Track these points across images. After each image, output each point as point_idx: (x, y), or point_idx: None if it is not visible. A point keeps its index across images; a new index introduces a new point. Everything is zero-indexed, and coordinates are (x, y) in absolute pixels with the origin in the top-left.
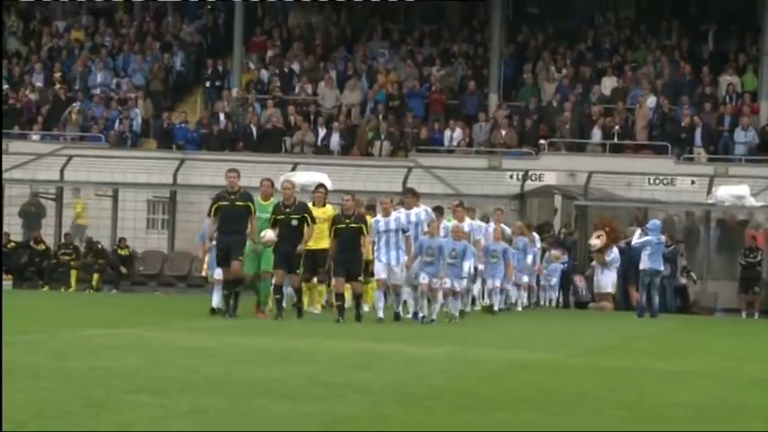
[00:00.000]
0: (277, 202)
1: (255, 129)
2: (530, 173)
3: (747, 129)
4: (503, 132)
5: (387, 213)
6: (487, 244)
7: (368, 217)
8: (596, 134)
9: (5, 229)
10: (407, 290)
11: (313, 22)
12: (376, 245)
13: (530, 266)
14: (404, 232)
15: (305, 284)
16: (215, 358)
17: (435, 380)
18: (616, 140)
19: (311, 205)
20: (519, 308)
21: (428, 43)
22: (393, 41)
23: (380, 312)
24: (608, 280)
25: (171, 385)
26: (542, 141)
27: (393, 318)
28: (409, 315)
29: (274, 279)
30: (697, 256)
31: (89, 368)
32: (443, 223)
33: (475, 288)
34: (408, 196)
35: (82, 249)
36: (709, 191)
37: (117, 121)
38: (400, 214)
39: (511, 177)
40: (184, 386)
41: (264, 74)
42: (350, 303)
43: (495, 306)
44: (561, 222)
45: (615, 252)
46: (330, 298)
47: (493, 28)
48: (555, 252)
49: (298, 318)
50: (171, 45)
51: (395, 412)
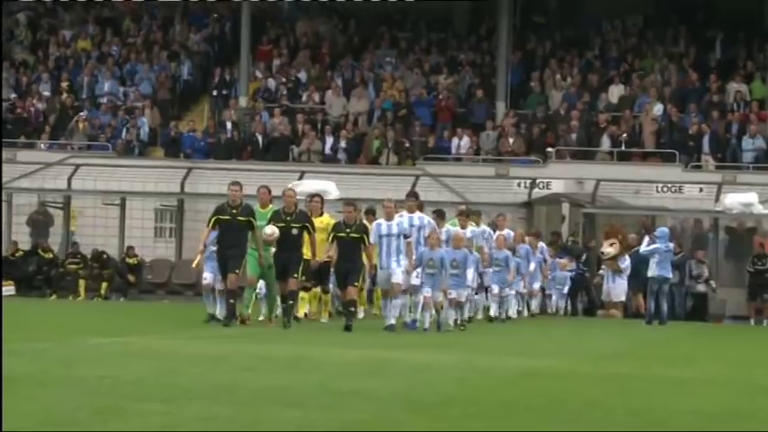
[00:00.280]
0: (277, 210)
1: (262, 137)
2: (537, 181)
3: (755, 136)
4: (510, 140)
5: (389, 217)
6: (490, 252)
7: (366, 222)
8: (604, 142)
9: (14, 238)
10: (403, 299)
11: (320, 31)
12: (377, 250)
13: (532, 274)
14: (405, 237)
15: (309, 293)
16: (223, 366)
17: (444, 387)
18: (624, 148)
19: None
20: (514, 315)
21: (435, 51)
22: (400, 50)
23: (391, 320)
24: (620, 289)
25: (179, 393)
26: (550, 149)
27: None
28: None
29: (279, 290)
30: (706, 264)
31: (97, 376)
32: (446, 227)
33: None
34: (411, 200)
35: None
36: (717, 198)
37: (124, 130)
38: (402, 218)
39: (518, 185)
40: (192, 394)
41: (271, 82)
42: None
43: (491, 312)
44: (569, 230)
45: (628, 260)
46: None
47: (500, 36)
48: (562, 260)
49: (286, 324)
50: (178, 54)
51: (404, 419)
